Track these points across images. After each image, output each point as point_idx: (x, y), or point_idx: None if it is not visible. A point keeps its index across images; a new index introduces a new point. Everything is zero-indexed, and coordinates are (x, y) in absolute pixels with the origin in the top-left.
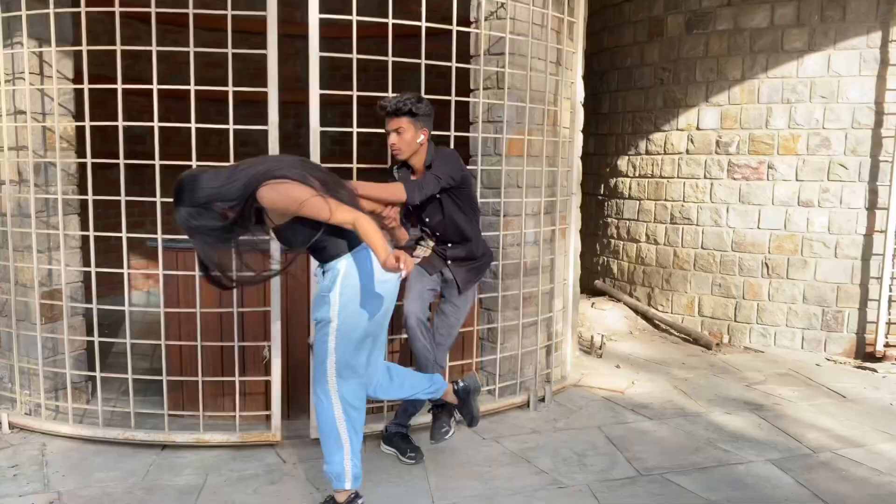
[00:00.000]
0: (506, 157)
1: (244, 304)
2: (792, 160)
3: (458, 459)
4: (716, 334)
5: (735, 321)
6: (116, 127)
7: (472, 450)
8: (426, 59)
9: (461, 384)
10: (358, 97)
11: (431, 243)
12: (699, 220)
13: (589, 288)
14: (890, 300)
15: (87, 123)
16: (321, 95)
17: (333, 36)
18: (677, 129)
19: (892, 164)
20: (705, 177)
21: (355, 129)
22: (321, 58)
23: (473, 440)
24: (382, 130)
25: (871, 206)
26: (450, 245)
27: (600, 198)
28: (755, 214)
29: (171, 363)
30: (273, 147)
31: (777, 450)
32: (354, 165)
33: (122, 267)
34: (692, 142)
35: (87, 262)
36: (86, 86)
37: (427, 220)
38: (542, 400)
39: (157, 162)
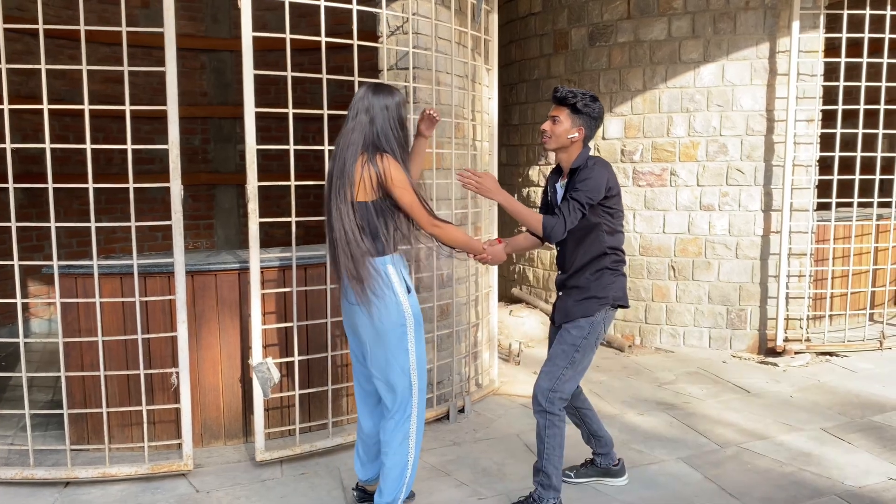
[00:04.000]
0: None
1: (149, 329)
2: (693, 166)
3: None
4: (628, 336)
5: (646, 323)
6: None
7: None
8: (340, 73)
9: None
10: (271, 112)
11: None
12: None
13: (506, 296)
14: (787, 297)
15: None
16: (232, 108)
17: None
18: None
19: (783, 168)
20: None
21: (292, 147)
22: (220, 71)
23: None
24: (309, 147)
25: (767, 208)
26: (560, 272)
27: None
28: (660, 219)
29: (73, 395)
30: (175, 165)
31: (687, 447)
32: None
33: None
34: (598, 151)
35: None
36: None
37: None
38: (462, 411)
39: (50, 185)
